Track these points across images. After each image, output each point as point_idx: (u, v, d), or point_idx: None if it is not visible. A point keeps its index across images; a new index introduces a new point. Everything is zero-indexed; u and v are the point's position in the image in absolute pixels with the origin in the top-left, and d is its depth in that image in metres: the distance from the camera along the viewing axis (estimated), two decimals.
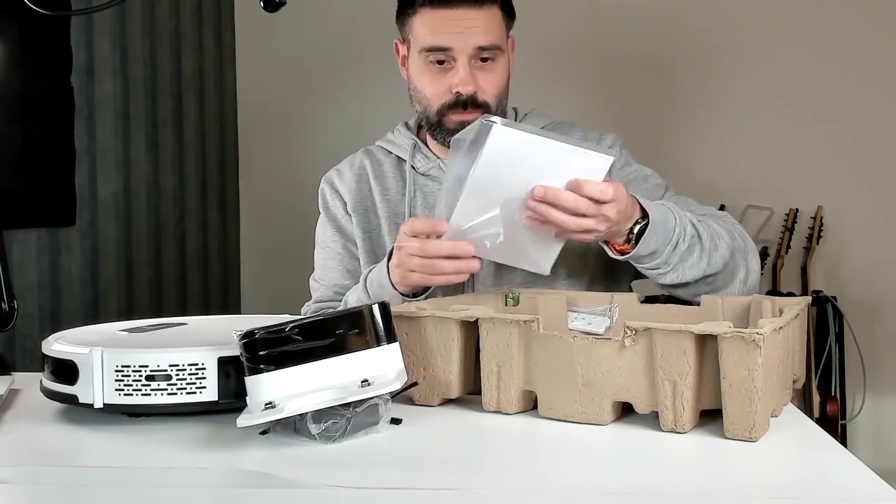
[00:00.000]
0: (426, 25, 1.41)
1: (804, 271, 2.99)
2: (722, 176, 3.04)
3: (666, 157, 3.02)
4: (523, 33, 1.57)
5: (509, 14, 1.46)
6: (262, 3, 1.30)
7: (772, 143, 3.04)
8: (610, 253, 1.24)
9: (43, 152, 2.28)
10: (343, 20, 3.17)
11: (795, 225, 2.98)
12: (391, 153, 1.56)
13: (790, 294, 2.87)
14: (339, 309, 1.41)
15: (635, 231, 1.20)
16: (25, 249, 2.23)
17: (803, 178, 3.02)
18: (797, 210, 2.99)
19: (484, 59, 1.41)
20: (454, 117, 1.43)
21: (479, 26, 1.39)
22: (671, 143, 3.08)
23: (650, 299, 1.22)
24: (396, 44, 1.51)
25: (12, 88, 2.16)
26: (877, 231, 2.99)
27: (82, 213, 2.43)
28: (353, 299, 1.40)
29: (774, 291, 2.93)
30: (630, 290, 1.54)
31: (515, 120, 1.53)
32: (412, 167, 1.51)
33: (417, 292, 1.30)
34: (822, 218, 2.97)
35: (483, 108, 1.42)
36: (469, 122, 1.40)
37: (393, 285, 1.29)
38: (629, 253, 1.21)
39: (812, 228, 2.97)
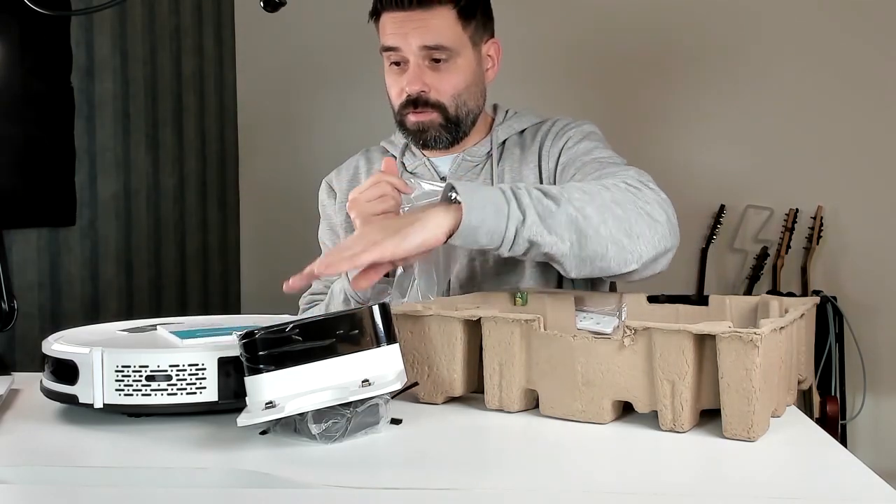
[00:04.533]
0: (383, 29, 1.47)
1: (804, 271, 2.99)
2: (722, 176, 3.05)
3: (666, 157, 3.02)
4: (524, 34, 1.57)
5: (468, 15, 1.44)
6: (262, 3, 1.30)
7: (772, 143, 3.04)
8: (459, 243, 1.11)
9: (43, 152, 2.28)
10: (343, 20, 3.17)
11: (795, 225, 2.98)
12: (388, 152, 1.60)
13: (790, 294, 2.87)
14: (325, 301, 1.47)
15: (453, 193, 1.10)
16: (25, 249, 2.23)
17: (803, 178, 3.02)
18: (797, 210, 2.98)
19: (437, 60, 1.43)
20: (410, 117, 1.47)
21: (425, 27, 1.41)
22: (671, 143, 3.08)
23: (651, 299, 1.22)
24: None
25: (12, 88, 2.16)
26: (877, 231, 2.99)
27: (82, 213, 2.43)
28: (337, 290, 1.46)
29: (774, 291, 2.93)
30: (613, 286, 1.57)
31: (503, 121, 1.57)
32: (402, 164, 1.57)
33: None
34: (822, 218, 2.97)
35: (436, 107, 1.45)
36: (422, 122, 1.46)
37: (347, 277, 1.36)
38: (463, 219, 1.06)
39: (812, 228, 2.97)
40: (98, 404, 0.94)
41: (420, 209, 1.14)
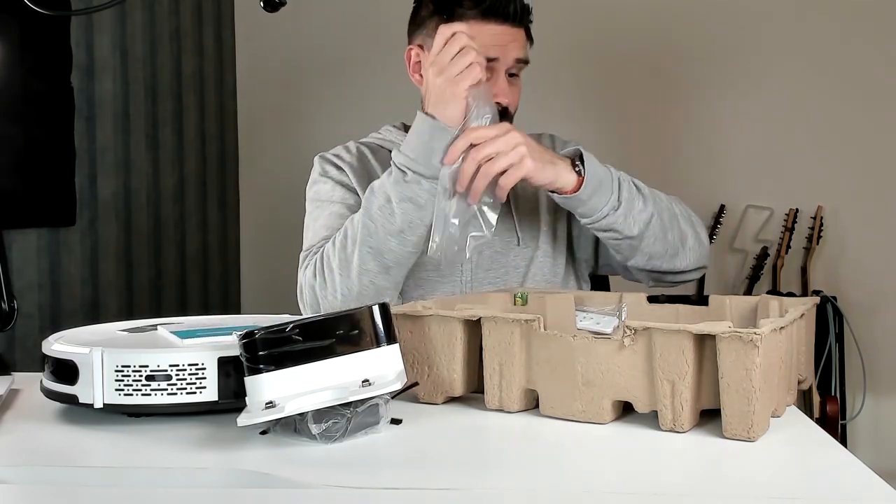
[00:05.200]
0: (476, 36, 1.45)
1: (804, 271, 2.99)
2: (722, 176, 3.05)
3: (666, 158, 3.02)
4: None
5: (530, 39, 1.56)
6: (262, 3, 1.30)
7: (772, 143, 3.04)
8: (560, 200, 1.33)
9: (43, 152, 2.28)
10: (343, 20, 3.18)
11: (795, 225, 2.98)
12: (383, 147, 1.60)
13: (790, 294, 2.87)
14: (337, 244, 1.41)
15: (578, 165, 1.32)
16: (25, 249, 2.24)
17: (803, 178, 3.02)
18: (797, 210, 2.99)
19: (512, 75, 1.51)
20: None
21: (518, 42, 1.50)
22: (671, 143, 3.08)
23: (651, 299, 1.22)
24: (410, 51, 1.54)
25: (12, 88, 2.16)
26: (877, 231, 2.99)
27: (82, 213, 2.43)
28: (379, 184, 1.39)
29: (774, 291, 2.93)
30: (592, 275, 1.64)
31: None
32: None
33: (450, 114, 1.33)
34: (822, 218, 2.97)
35: (509, 119, 1.52)
36: None
37: (432, 117, 1.33)
38: (580, 189, 1.30)
39: (812, 228, 2.97)
40: (98, 404, 0.94)
41: (551, 154, 1.33)
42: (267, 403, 0.87)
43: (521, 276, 1.52)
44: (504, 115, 1.50)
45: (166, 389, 0.93)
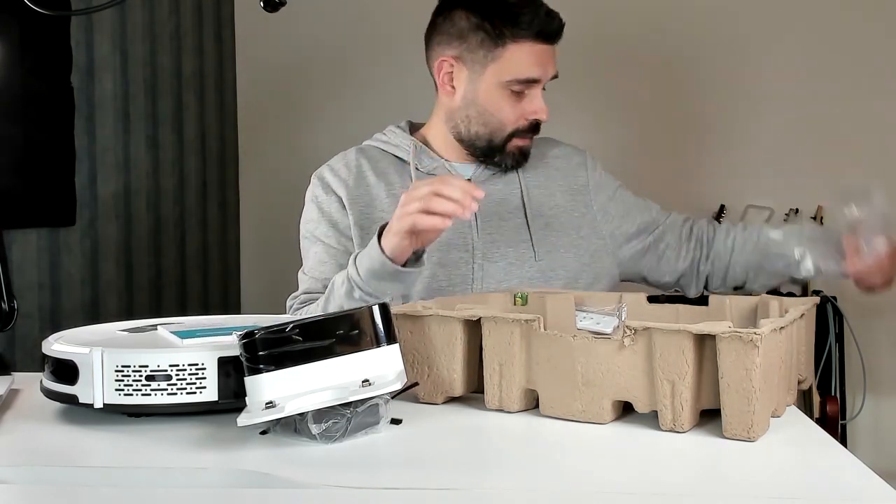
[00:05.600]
0: (526, 57, 1.51)
1: None
2: (722, 176, 3.04)
3: (666, 157, 3.02)
4: None
5: None
6: (262, 3, 1.30)
7: (772, 143, 3.04)
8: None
9: (43, 152, 2.27)
10: (343, 20, 3.17)
11: None
12: (387, 153, 1.59)
13: (790, 294, 2.87)
14: (325, 296, 1.44)
15: None
16: (25, 249, 2.23)
17: (803, 178, 3.02)
18: (797, 210, 2.98)
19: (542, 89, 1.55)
20: (520, 142, 1.55)
21: (553, 60, 1.57)
22: (671, 142, 3.08)
23: (651, 299, 1.22)
24: (443, 62, 1.53)
25: (12, 88, 2.16)
26: None
27: (82, 213, 2.43)
28: (339, 282, 1.41)
29: (774, 291, 2.92)
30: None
31: None
32: (415, 167, 1.55)
33: (401, 256, 1.32)
34: (822, 218, 2.97)
35: (538, 132, 1.58)
36: (527, 147, 1.57)
37: (382, 251, 1.31)
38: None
39: None
40: (98, 404, 0.94)
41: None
42: (267, 403, 0.88)
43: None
44: (537, 128, 1.56)
45: (166, 389, 0.93)
